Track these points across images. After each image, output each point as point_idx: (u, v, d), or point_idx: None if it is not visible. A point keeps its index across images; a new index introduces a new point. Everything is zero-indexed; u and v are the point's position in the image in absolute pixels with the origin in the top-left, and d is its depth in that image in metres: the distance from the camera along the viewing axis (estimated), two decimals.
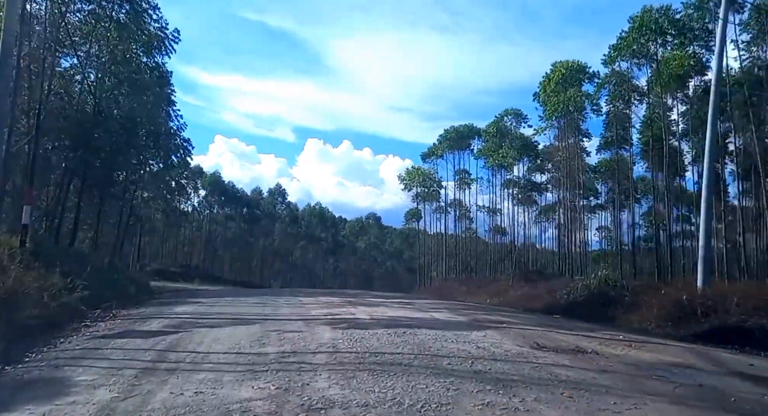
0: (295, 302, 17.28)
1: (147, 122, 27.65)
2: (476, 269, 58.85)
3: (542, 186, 51.82)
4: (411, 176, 51.36)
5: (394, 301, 18.19)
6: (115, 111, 26.19)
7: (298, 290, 27.66)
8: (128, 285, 23.95)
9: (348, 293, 23.49)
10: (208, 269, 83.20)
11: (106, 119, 25.63)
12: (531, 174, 58.26)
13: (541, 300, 21.43)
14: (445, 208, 56.97)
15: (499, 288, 31.47)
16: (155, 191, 47.20)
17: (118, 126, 25.78)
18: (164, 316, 13.93)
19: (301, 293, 23.58)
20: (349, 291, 26.97)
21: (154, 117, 27.97)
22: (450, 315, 13.31)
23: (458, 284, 44.47)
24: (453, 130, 54.73)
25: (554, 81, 34.69)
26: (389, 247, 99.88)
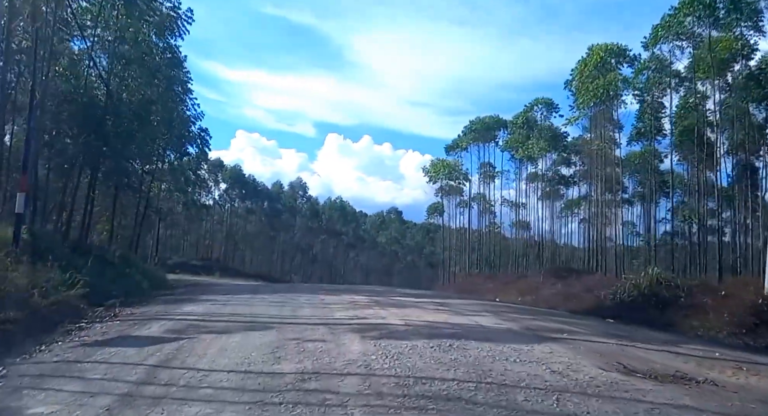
0: (317, 302, 15.53)
1: (160, 107, 26.06)
2: (499, 265, 56.74)
3: (570, 179, 49.39)
4: (436, 168, 49.11)
5: (425, 301, 16.36)
6: (124, 95, 24.61)
7: (320, 287, 25.95)
8: (141, 280, 22.51)
9: (373, 291, 21.69)
10: (229, 263, 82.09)
11: (117, 104, 24.07)
12: (557, 167, 56.06)
13: (581, 300, 19.40)
14: (469, 202, 54.76)
15: (529, 285, 29.41)
16: (173, 183, 46.04)
17: (129, 111, 24.20)
18: (170, 317, 12.25)
19: (323, 290, 21.84)
20: (374, 288, 25.14)
21: (166, 101, 26.36)
22: (495, 320, 11.42)
23: (483, 280, 42.44)
24: (479, 121, 52.49)
25: (592, 64, 32.34)
26: (410, 241, 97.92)
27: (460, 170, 49.92)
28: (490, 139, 54.65)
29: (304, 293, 19.07)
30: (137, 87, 25.11)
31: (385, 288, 27.08)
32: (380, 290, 23.46)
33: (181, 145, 35.15)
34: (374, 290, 22.89)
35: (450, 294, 26.37)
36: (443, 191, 60.81)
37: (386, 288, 26.98)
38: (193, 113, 36.79)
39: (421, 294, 20.68)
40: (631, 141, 43.07)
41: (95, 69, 23.75)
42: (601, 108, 38.06)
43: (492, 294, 28.45)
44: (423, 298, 17.56)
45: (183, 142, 35.32)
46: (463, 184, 52.41)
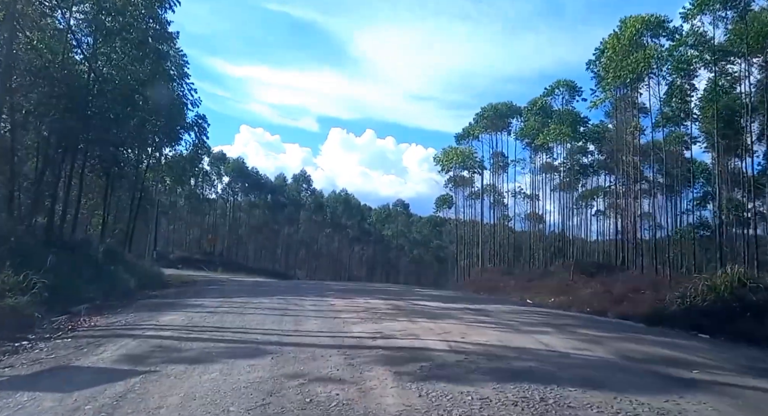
0: (325, 308, 12.71)
1: (150, 88, 23.18)
2: (514, 260, 53.83)
3: (590, 168, 46.23)
4: (449, 156, 45.77)
5: (457, 307, 13.41)
6: (105, 69, 21.72)
7: (327, 286, 23.14)
8: (128, 279, 19.81)
9: (388, 292, 18.82)
10: (232, 257, 79.46)
11: (100, 82, 21.22)
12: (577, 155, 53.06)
13: (634, 303, 16.47)
14: (482, 193, 51.63)
15: (559, 284, 26.55)
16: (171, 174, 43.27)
17: (114, 90, 21.36)
18: (139, 331, 9.45)
19: (331, 290, 19.00)
20: (388, 288, 22.13)
21: (156, 80, 23.47)
22: (567, 340, 8.48)
23: (501, 276, 39.50)
24: (491, 107, 49.20)
25: (627, 38, 29.13)
26: (417, 235, 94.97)
27: (474, 158, 46.79)
28: (502, 127, 51.62)
29: (309, 295, 16.24)
30: (122, 64, 22.21)
31: (400, 288, 24.12)
32: (396, 290, 20.55)
33: (171, 129, 32.21)
34: (389, 290, 20.00)
35: (473, 294, 23.48)
36: (454, 181, 57.88)
37: (402, 288, 24.02)
38: (191, 99, 33.98)
39: (446, 297, 17.78)
40: (656, 127, 40.16)
41: (75, 42, 20.90)
42: (626, 91, 35.09)
43: (518, 294, 25.57)
44: (451, 303, 14.66)
45: (178, 128, 32.43)
46: (478, 172, 49.24)
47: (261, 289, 19.15)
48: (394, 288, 21.73)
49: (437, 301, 14.82)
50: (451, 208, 61.82)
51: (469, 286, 34.62)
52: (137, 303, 14.47)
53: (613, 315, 15.42)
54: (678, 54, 26.98)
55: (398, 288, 22.18)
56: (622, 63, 29.48)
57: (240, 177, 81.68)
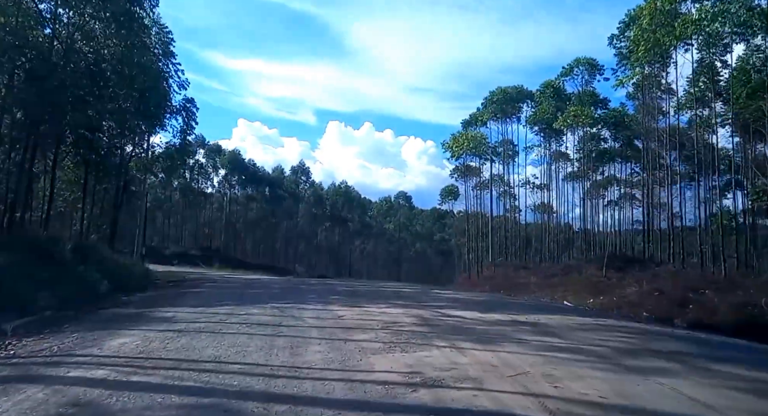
0: (331, 322, 9.74)
1: (126, 61, 20.10)
2: (523, 253, 50.87)
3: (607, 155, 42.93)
4: (459, 142, 42.26)
5: (502, 320, 10.26)
6: (70, 39, 18.59)
7: (330, 286, 20.19)
8: (99, 281, 16.86)
9: (402, 295, 15.80)
10: (230, 253, 76.42)
11: (66, 52, 18.13)
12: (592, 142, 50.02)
13: (702, 307, 13.53)
14: (490, 182, 48.26)
15: (590, 280, 23.61)
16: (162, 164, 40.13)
17: (82, 64, 18.28)
18: (64, 369, 6.47)
19: (335, 292, 16.04)
20: (401, 289, 18.83)
21: (132, 54, 20.34)
22: (717, 388, 5.47)
23: (516, 272, 36.53)
24: (500, 91, 45.88)
25: (667, 2, 25.81)
26: (420, 228, 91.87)
27: (486, 143, 43.40)
28: (511, 113, 48.41)
29: (309, 300, 13.27)
30: (92, 34, 19.12)
31: (413, 288, 20.93)
32: (411, 292, 17.39)
33: (159, 115, 29.17)
34: (403, 293, 16.84)
35: (499, 295, 20.45)
36: (460, 171, 54.77)
37: (415, 288, 20.84)
38: (178, 81, 30.89)
39: (474, 302, 14.71)
40: (680, 109, 37.11)
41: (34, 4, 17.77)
42: (654, 68, 32.01)
43: (546, 293, 22.62)
44: (489, 312, 11.52)
45: (162, 112, 29.34)
46: (491, 159, 45.80)
47: (253, 292, 16.15)
48: (407, 290, 18.50)
49: (469, 309, 11.83)
50: (457, 199, 58.80)
51: (485, 283, 31.57)
52: (96, 315, 11.53)
53: (684, 323, 12.45)
54: (715, 23, 23.77)
55: (412, 289, 18.99)
56: (656, 33, 26.32)
57: (236, 170, 78.58)
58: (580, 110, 36.80)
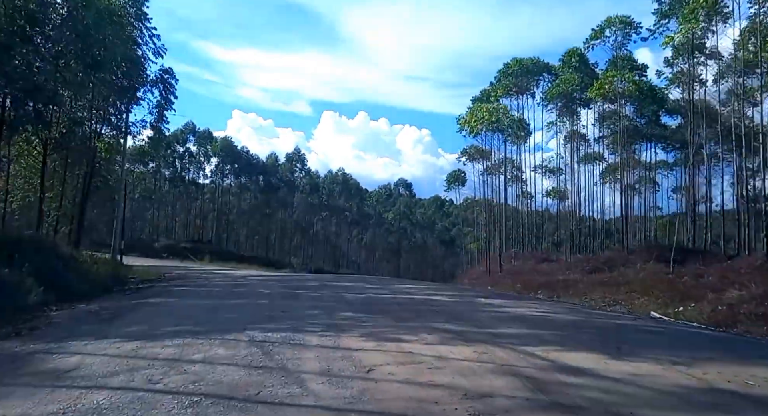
0: (357, 388, 5.01)
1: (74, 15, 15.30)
2: (537, 242, 46.34)
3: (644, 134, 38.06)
4: (477, 115, 37.01)
5: (672, 384, 5.59)
6: None
7: (336, 292, 15.50)
8: (29, 288, 12.45)
9: (440, 307, 10.94)
10: (222, 245, 71.63)
11: None
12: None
13: None
14: (505, 166, 43.25)
15: (653, 279, 19.08)
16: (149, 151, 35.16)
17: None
18: None
19: (345, 305, 11.33)
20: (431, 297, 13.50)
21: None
22: None
23: (540, 265, 32.03)
24: (515, 62, 40.90)
25: None
26: (421, 217, 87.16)
27: (510, 115, 37.98)
28: (526, 89, 43.55)
29: (310, 326, 8.53)
30: None
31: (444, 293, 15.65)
32: (446, 300, 12.10)
33: (129, 87, 24.38)
34: (437, 303, 11.54)
35: (558, 303, 15.62)
36: (468, 154, 50.01)
37: (446, 292, 15.69)
38: (152, 47, 25.98)
39: (554, 322, 9.96)
40: (721, 77, 32.47)
41: None
42: (702, 27, 27.29)
43: (600, 295, 18.03)
44: (630, 359, 6.65)
45: (134, 83, 24.52)
46: (517, 134, 40.41)
47: (233, 304, 11.39)
48: (439, 297, 12.84)
49: (582, 346, 7.14)
50: (464, 185, 54.23)
51: (508, 278, 26.79)
52: None
53: None
54: None
55: (445, 296, 13.57)
56: None
57: (229, 158, 73.56)
58: (619, 75, 31.77)
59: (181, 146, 73.34)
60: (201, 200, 78.20)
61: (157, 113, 25.94)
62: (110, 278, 20.29)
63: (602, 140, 47.13)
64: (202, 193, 77.93)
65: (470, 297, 13.75)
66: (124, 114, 27.12)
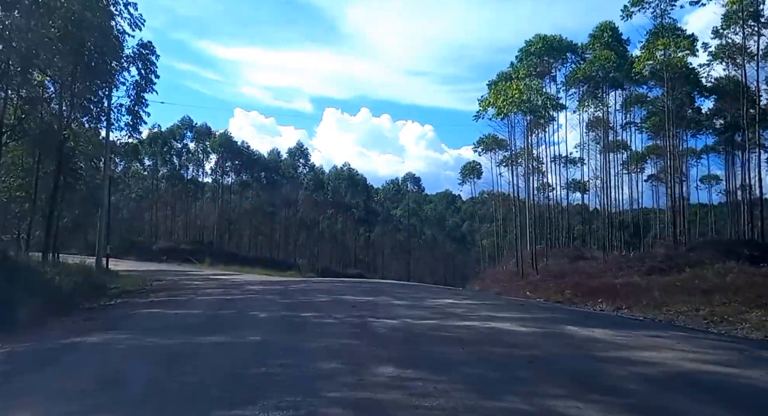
0: None
1: None
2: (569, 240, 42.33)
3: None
4: (504, 95, 29.75)
5: None
6: None
7: (352, 303, 11.69)
8: None
9: (521, 349, 6.81)
10: (224, 246, 67.84)
11: None
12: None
13: None
14: (527, 159, 38.97)
15: (747, 282, 15.24)
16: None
17: None
18: None
19: (373, 340, 7.43)
20: (483, 317, 9.07)
21: None
22: None
23: (574, 263, 28.06)
24: (539, 39, 36.71)
25: None
26: (431, 213, 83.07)
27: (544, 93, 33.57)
28: (547, 71, 39.40)
29: (326, 393, 4.69)
30: None
31: (524, 320, 10.57)
32: (525, 333, 7.48)
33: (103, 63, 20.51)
34: (510, 335, 7.15)
35: (646, 324, 11.51)
36: (485, 144, 46.17)
37: (522, 315, 11.02)
38: (128, 18, 22.01)
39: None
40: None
41: None
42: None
43: (681, 305, 14.06)
44: None
45: (105, 59, 20.63)
46: (548, 116, 36.01)
47: (206, 346, 7.46)
48: (512, 327, 8.32)
49: None
50: (480, 178, 50.31)
51: (550, 282, 22.71)
52: None
53: None
54: None
55: (519, 321, 9.36)
56: None
57: (229, 154, 69.73)
58: (676, 41, 27.42)
59: (178, 142, 69.63)
60: (202, 200, 74.48)
61: (135, 94, 21.99)
62: (78, 292, 16.66)
63: (629, 127, 43.27)
64: (203, 192, 74.22)
65: (549, 323, 9.76)
66: (104, 99, 23.36)
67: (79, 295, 16.10)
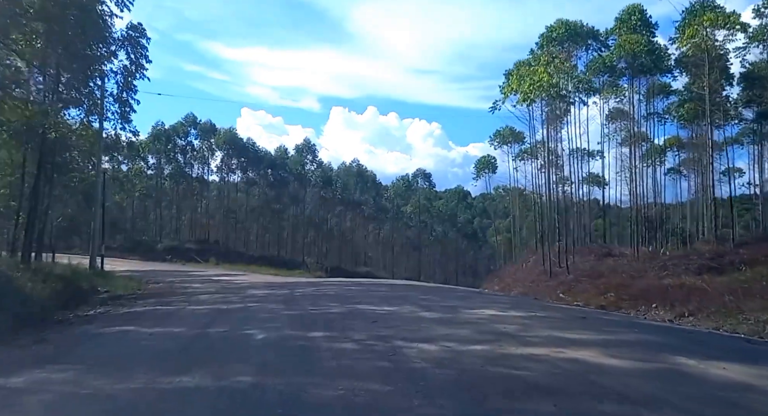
0: None
1: None
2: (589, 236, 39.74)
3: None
4: (529, 78, 26.38)
5: None
6: None
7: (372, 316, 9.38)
8: None
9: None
10: (230, 245, 65.74)
11: None
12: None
13: None
14: (547, 150, 36.31)
15: None
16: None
17: None
18: None
19: (415, 386, 5.06)
20: (583, 357, 6.84)
21: None
22: None
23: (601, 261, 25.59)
24: (560, 24, 33.88)
25: None
26: (443, 208, 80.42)
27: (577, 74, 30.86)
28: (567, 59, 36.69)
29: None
30: None
31: (621, 354, 7.98)
32: (629, 375, 6.16)
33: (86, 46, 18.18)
34: (611, 379, 5.50)
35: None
36: (500, 137, 43.69)
37: (605, 337, 8.14)
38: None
39: None
40: None
41: None
42: None
43: (761, 312, 11.64)
44: None
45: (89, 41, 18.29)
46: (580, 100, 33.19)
47: (173, 398, 5.17)
48: (605, 360, 6.64)
49: None
50: (495, 172, 47.79)
51: (589, 284, 20.16)
52: None
53: None
54: None
55: (613, 353, 7.48)
56: None
57: (234, 151, 67.47)
58: (724, 16, 24.72)
59: (182, 140, 67.44)
60: (207, 198, 72.36)
61: (124, 81, 19.62)
62: (56, 300, 14.46)
63: (652, 117, 40.66)
64: (208, 190, 72.08)
65: (646, 350, 7.25)
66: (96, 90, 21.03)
67: (55, 304, 13.95)
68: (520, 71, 27.52)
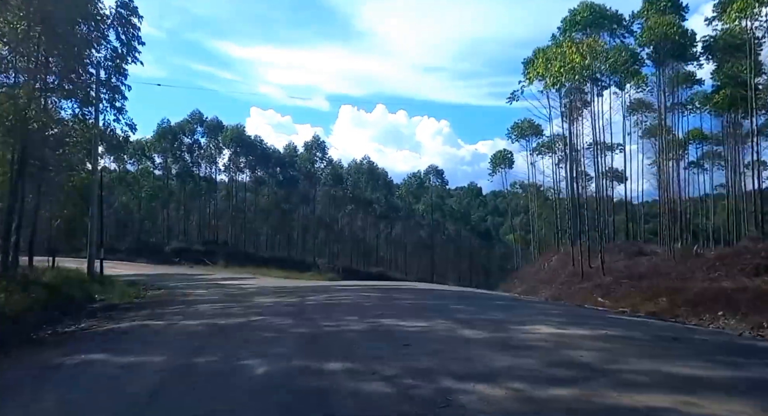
0: None
1: None
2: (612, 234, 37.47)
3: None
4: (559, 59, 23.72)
5: None
6: None
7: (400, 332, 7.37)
8: None
9: None
10: (239, 246, 64.01)
11: None
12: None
13: None
14: (569, 139, 33.88)
15: None
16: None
17: None
18: None
19: None
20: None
21: None
22: None
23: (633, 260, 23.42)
24: (585, 7, 31.11)
25: None
26: (456, 206, 78.19)
27: (621, 49, 28.11)
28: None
29: None
30: None
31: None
32: None
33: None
34: None
35: None
36: (517, 130, 41.52)
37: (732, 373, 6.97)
38: None
39: None
40: None
41: None
42: None
43: None
44: None
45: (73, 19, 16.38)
46: (630, 77, 30.47)
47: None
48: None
49: None
50: (511, 167, 45.63)
51: (631, 287, 17.93)
52: None
53: None
54: None
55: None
56: None
57: (242, 149, 65.72)
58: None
59: (188, 137, 65.71)
60: (216, 199, 70.68)
61: (113, 65, 17.66)
62: (35, 314, 12.75)
63: (675, 109, 38.35)
64: (216, 190, 70.40)
65: None
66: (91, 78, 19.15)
67: (35, 319, 12.12)
68: (547, 53, 25.25)
